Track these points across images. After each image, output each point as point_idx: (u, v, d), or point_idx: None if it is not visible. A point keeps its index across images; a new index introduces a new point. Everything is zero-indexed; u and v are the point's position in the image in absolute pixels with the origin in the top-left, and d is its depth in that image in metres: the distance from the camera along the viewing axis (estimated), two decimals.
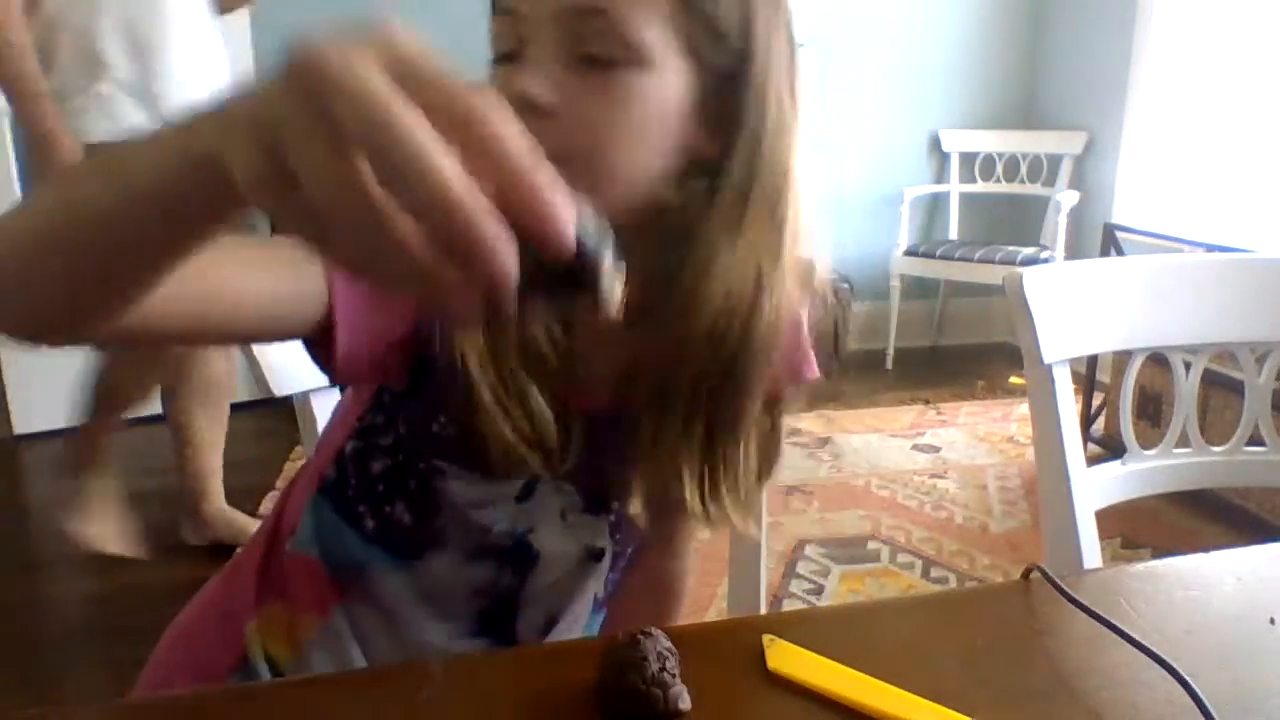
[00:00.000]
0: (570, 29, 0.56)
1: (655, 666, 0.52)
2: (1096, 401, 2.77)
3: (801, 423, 3.14)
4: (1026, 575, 0.68)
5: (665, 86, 0.59)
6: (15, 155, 2.86)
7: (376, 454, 0.69)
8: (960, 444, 2.97)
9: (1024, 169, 3.83)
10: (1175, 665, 0.55)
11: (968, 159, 3.88)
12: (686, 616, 0.94)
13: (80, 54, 1.83)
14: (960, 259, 3.48)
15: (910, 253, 3.62)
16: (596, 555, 0.75)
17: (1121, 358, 1.01)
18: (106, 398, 2.13)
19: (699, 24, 0.59)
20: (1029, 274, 0.89)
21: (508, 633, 0.75)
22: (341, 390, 0.79)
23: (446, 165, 0.28)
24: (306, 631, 0.73)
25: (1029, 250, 3.46)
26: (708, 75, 0.60)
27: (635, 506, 0.71)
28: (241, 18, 2.29)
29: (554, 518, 0.72)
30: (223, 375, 2.21)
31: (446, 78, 0.30)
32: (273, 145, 0.30)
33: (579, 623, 0.78)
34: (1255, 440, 1.04)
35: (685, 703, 0.52)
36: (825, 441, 2.98)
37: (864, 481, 2.67)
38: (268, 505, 2.21)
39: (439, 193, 0.28)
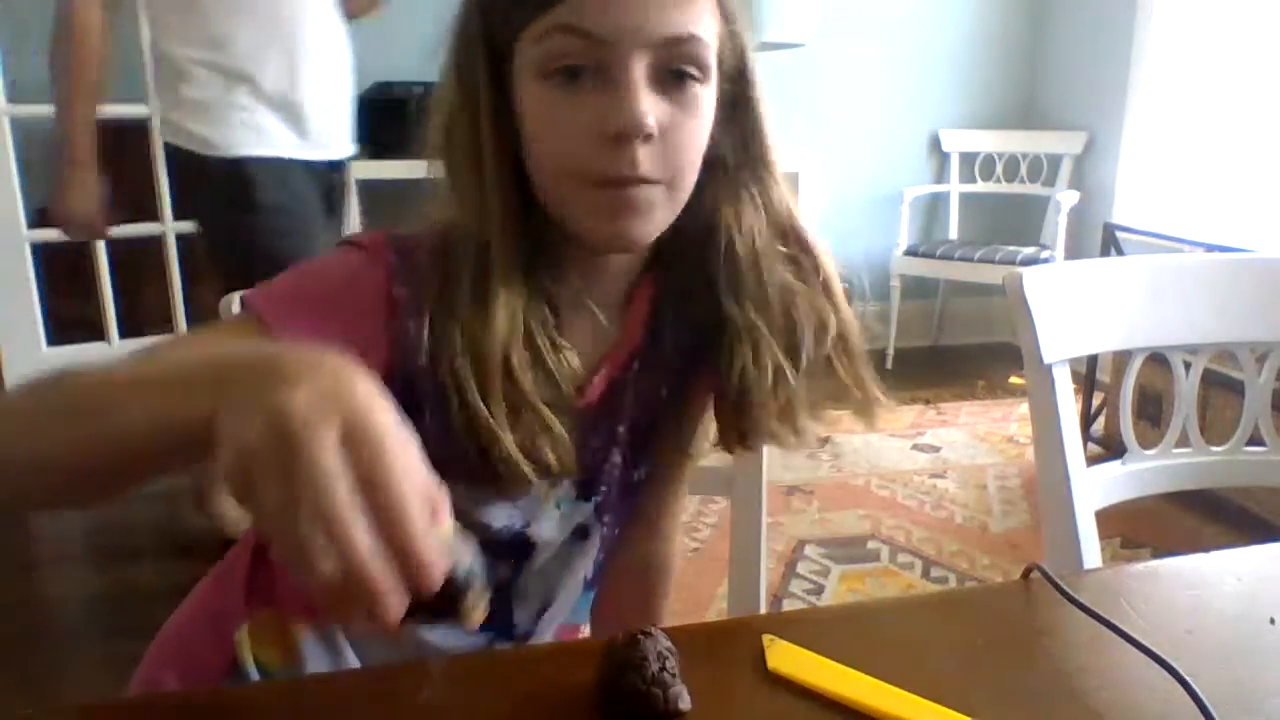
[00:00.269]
0: (661, 53, 0.60)
1: (655, 666, 0.52)
2: (1096, 401, 2.77)
3: None
4: (1026, 575, 0.68)
5: (712, 96, 0.64)
6: (15, 155, 2.86)
7: None
8: (960, 444, 2.97)
9: (1024, 169, 3.83)
10: (1175, 665, 0.55)
11: (968, 159, 3.88)
12: (686, 616, 0.94)
13: (221, 65, 1.77)
14: (960, 259, 3.48)
15: (910, 253, 3.62)
16: (584, 533, 0.76)
17: (1121, 358, 1.01)
18: None
19: (728, 33, 0.64)
20: (1029, 274, 0.89)
21: (506, 625, 0.75)
22: None
23: (359, 539, 0.38)
24: (297, 636, 0.72)
25: (1029, 250, 3.46)
26: (724, 79, 0.66)
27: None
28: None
29: (550, 510, 0.73)
30: None
31: (383, 454, 0.39)
32: (247, 467, 0.39)
33: (570, 604, 0.79)
34: (1255, 440, 1.04)
35: (685, 703, 0.52)
36: (825, 441, 2.98)
37: (864, 481, 2.67)
38: None
39: (350, 557, 0.38)
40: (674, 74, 0.61)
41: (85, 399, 0.49)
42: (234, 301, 0.86)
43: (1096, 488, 0.95)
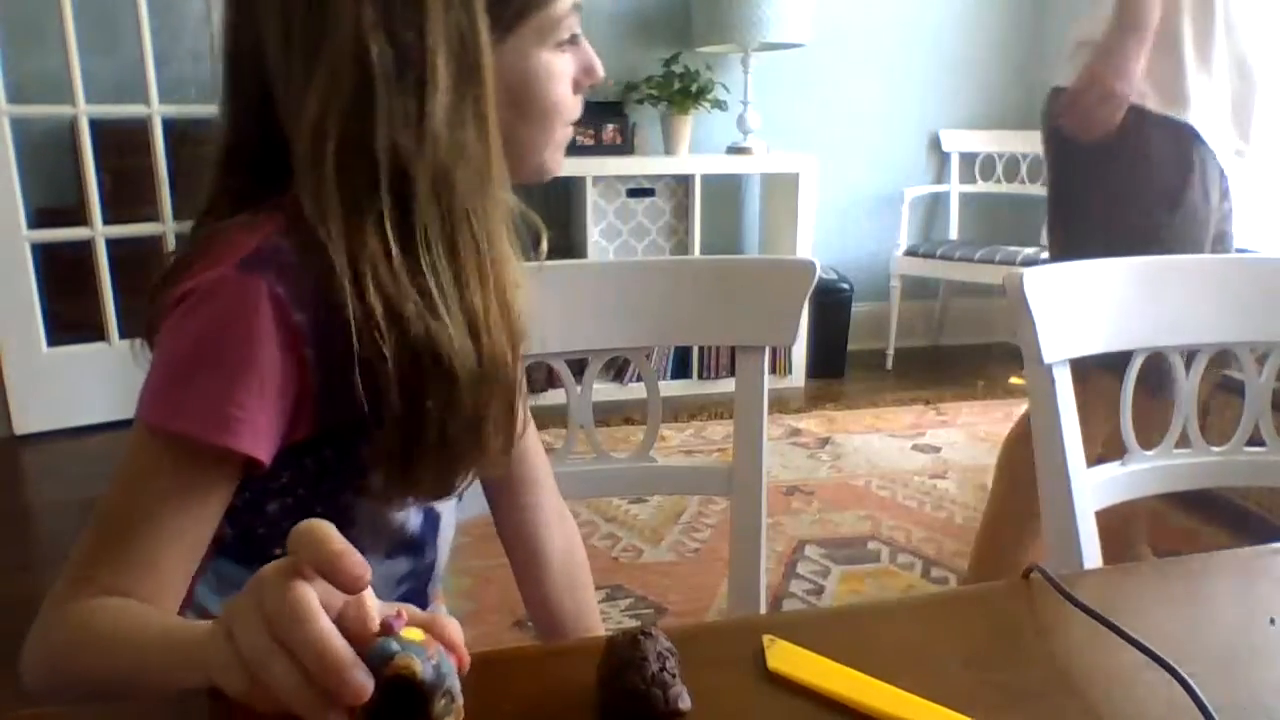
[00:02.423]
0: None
1: (655, 666, 0.52)
2: None
3: (801, 423, 3.14)
4: (1026, 575, 0.68)
5: None
6: (15, 155, 2.86)
7: (270, 497, 0.69)
8: (960, 444, 2.97)
9: (1024, 169, 3.83)
10: (1175, 665, 0.55)
11: (968, 159, 3.88)
12: (686, 617, 0.94)
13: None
14: (960, 259, 3.49)
15: (910, 253, 3.62)
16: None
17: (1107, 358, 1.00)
18: None
19: None
20: (1029, 274, 0.89)
21: (423, 605, 0.77)
22: None
23: (279, 672, 0.40)
24: None
25: (1029, 250, 3.46)
26: None
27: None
28: None
29: (453, 499, 0.76)
30: None
31: (291, 621, 0.40)
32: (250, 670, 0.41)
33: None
34: (1255, 440, 1.04)
35: (685, 703, 0.52)
36: (825, 441, 2.98)
37: (864, 481, 2.67)
38: None
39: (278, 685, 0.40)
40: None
41: (139, 646, 0.56)
42: None
43: (1096, 488, 0.95)
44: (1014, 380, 3.54)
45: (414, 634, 0.44)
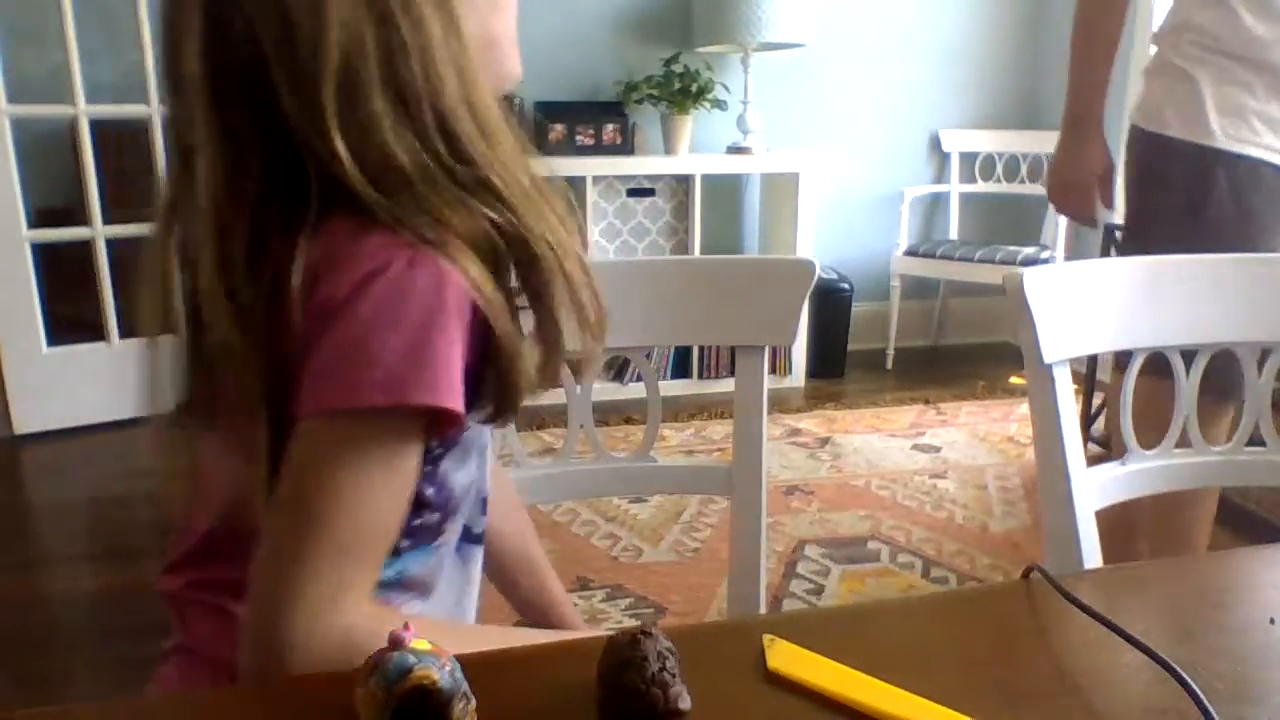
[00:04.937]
0: None
1: (655, 666, 0.52)
2: (1096, 401, 2.77)
3: (801, 423, 3.14)
4: (1026, 575, 0.68)
5: None
6: (15, 155, 2.86)
7: None
8: (960, 444, 2.97)
9: (1024, 169, 3.83)
10: (1175, 665, 0.55)
11: (968, 159, 3.88)
12: (686, 617, 0.94)
13: None
14: (960, 259, 3.49)
15: (910, 253, 3.62)
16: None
17: (1121, 358, 1.00)
18: None
19: None
20: (1029, 274, 0.89)
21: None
22: None
23: None
24: None
25: (1029, 250, 3.46)
26: None
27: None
28: None
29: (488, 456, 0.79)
30: None
31: None
32: None
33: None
34: (1255, 440, 1.04)
35: (685, 703, 0.52)
36: (825, 441, 2.98)
37: (864, 481, 2.67)
38: None
39: None
40: None
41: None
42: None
43: (1096, 488, 0.95)
44: (1014, 380, 3.54)
45: (422, 644, 0.46)
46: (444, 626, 0.72)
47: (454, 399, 0.60)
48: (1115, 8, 1.60)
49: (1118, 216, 1.87)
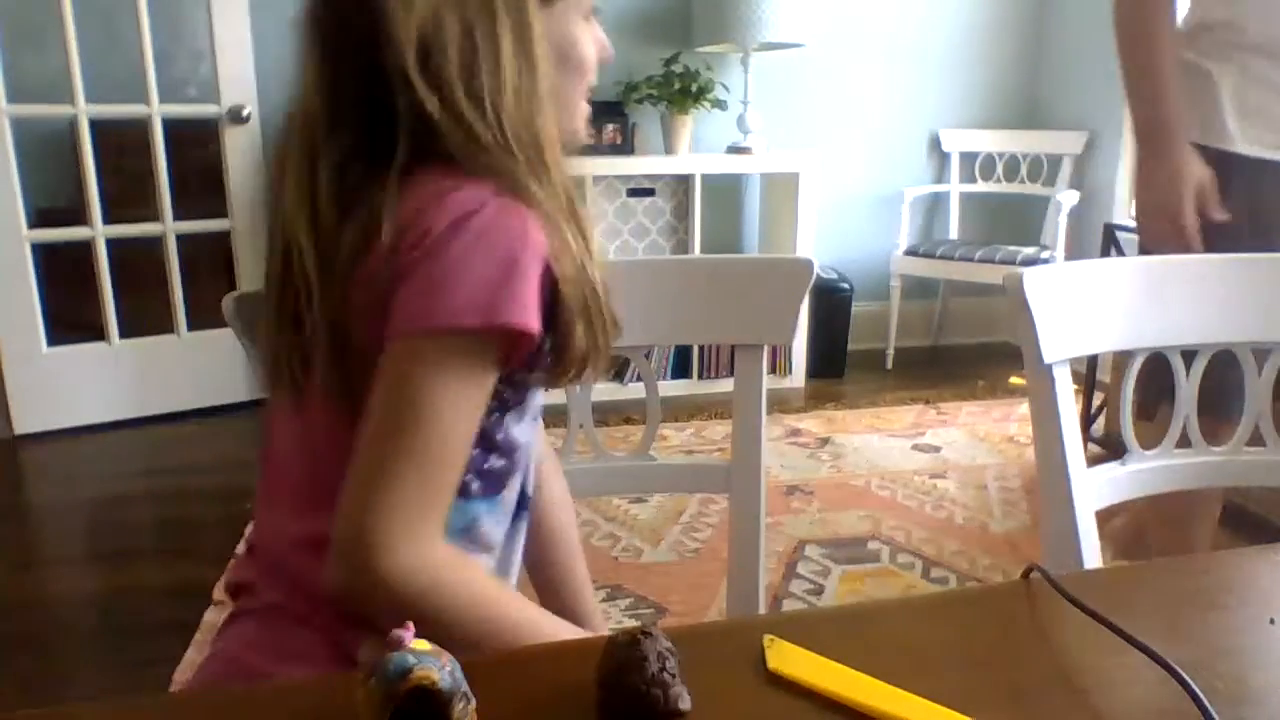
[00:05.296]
0: None
1: (655, 666, 0.52)
2: (1096, 401, 2.77)
3: (801, 423, 3.14)
4: (1026, 575, 0.68)
5: None
6: (15, 155, 2.86)
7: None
8: (960, 444, 2.97)
9: (1024, 169, 3.83)
10: (1175, 665, 0.55)
11: (968, 159, 3.88)
12: (686, 616, 0.94)
13: None
14: (960, 259, 3.49)
15: (910, 253, 3.62)
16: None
17: (1121, 358, 1.00)
18: None
19: None
20: (1029, 274, 0.89)
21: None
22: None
23: None
24: None
25: (1029, 250, 3.46)
26: None
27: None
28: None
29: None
30: None
31: None
32: None
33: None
34: (1255, 440, 1.04)
35: (685, 703, 0.52)
36: (825, 441, 2.98)
37: (864, 481, 2.67)
38: None
39: None
40: None
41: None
42: (230, 302, 0.86)
43: (1096, 488, 0.95)
44: (1014, 380, 3.54)
45: (422, 644, 0.46)
46: (515, 595, 0.74)
47: (535, 322, 0.67)
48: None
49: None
